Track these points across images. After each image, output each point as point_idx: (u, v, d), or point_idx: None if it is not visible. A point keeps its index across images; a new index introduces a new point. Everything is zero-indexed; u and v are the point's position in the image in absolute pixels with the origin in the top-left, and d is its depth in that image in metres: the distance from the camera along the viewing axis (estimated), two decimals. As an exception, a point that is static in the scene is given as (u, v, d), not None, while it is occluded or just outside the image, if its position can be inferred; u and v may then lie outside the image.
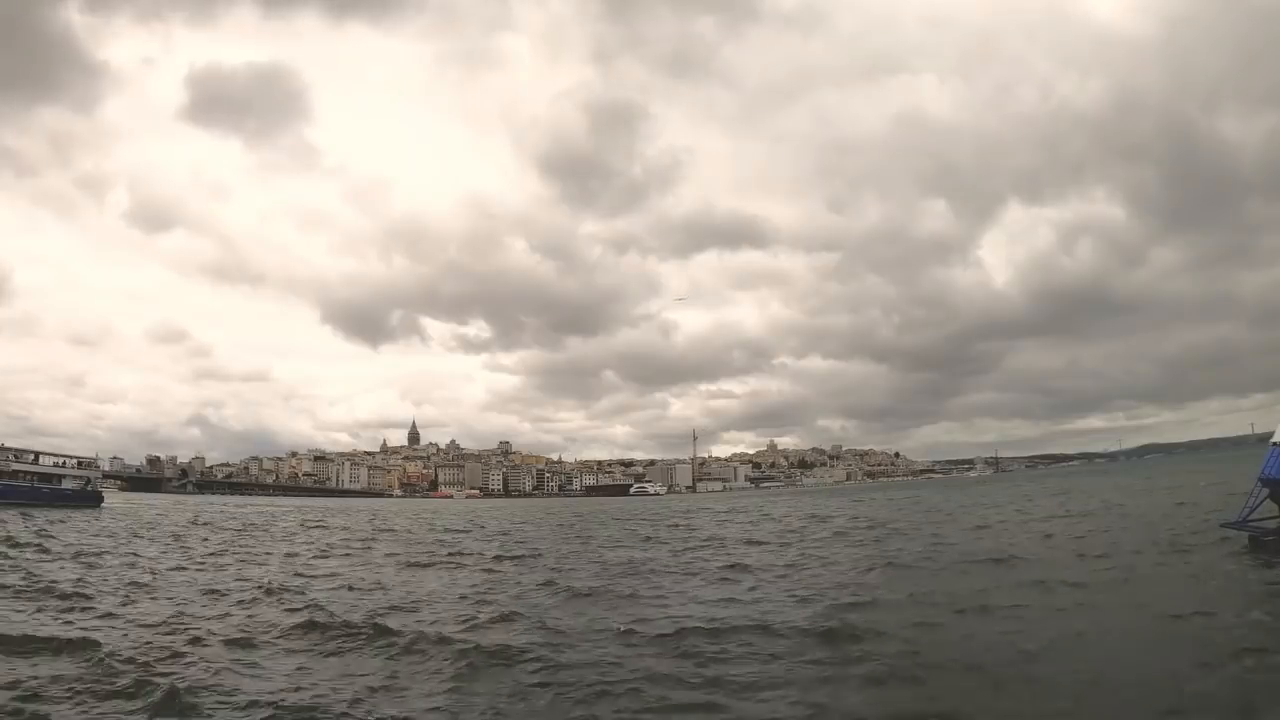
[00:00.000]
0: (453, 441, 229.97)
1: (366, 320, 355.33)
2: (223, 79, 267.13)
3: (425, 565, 18.08)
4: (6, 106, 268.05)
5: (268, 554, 20.88)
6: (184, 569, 16.72)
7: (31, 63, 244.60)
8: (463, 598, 12.71)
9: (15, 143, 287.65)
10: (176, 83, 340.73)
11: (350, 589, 13.68)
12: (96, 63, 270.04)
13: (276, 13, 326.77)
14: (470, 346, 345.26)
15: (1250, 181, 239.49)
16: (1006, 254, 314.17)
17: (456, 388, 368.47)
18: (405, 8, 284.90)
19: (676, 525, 32.97)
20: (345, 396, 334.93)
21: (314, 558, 20.00)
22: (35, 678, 7.43)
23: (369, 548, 23.25)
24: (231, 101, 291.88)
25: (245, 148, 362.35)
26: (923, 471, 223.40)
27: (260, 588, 13.42)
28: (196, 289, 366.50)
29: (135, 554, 19.68)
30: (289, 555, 20.67)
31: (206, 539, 26.18)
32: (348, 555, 20.88)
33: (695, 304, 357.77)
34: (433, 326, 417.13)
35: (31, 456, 50.72)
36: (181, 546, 22.81)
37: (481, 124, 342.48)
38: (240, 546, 23.25)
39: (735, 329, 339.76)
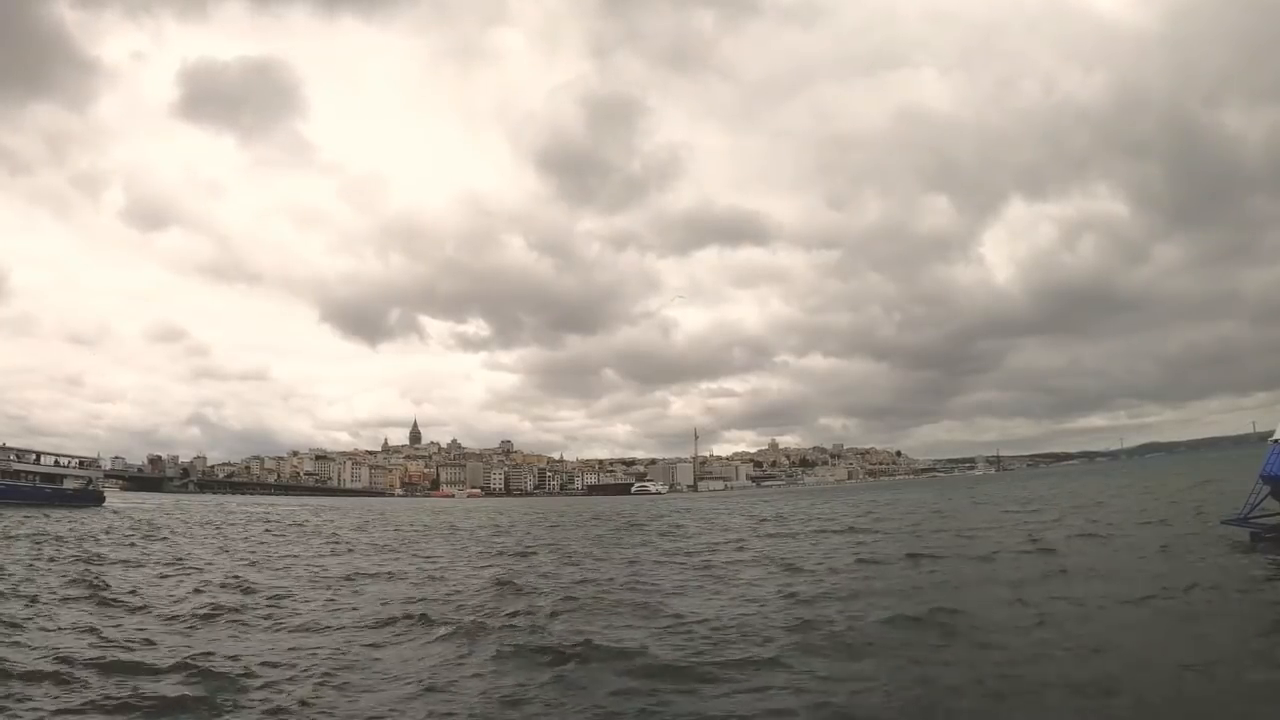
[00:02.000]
0: (454, 441, 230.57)
1: (364, 319, 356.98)
2: (215, 74, 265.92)
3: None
4: (0, 104, 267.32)
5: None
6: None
7: (23, 58, 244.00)
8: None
9: (10, 141, 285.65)
10: (169, 79, 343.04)
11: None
12: (88, 59, 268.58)
13: (267, 8, 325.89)
14: (469, 345, 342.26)
15: (1254, 177, 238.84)
16: (1008, 251, 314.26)
17: (456, 386, 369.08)
18: (399, 2, 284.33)
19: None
20: (344, 396, 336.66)
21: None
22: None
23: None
24: (224, 97, 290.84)
25: (239, 144, 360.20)
26: (924, 470, 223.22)
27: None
28: (193, 288, 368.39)
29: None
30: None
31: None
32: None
33: (695, 301, 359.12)
34: (431, 325, 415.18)
35: (33, 456, 50.94)
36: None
37: (477, 120, 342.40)
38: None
39: (735, 327, 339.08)
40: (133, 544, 23.03)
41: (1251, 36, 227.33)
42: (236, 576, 14.93)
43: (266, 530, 31.64)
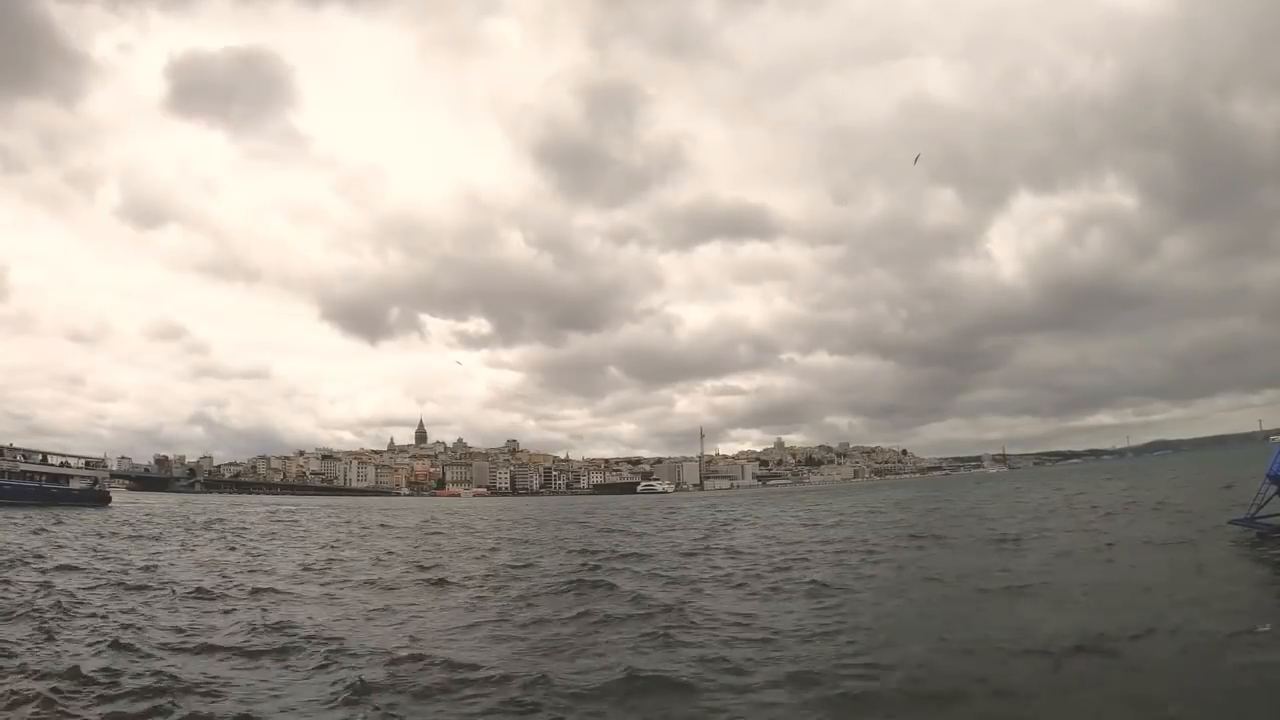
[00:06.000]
0: (460, 440, 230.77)
1: (364, 317, 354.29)
2: (203, 66, 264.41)
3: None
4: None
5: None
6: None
7: (12, 54, 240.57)
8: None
9: (3, 138, 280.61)
10: (157, 72, 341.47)
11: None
12: (77, 53, 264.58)
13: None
14: (470, 343, 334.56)
15: (1264, 170, 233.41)
16: (1016, 245, 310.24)
17: (458, 385, 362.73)
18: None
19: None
20: (347, 394, 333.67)
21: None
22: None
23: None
24: (214, 89, 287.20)
25: (231, 138, 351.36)
26: (931, 469, 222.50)
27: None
28: (192, 285, 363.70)
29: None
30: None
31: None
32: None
33: (698, 298, 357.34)
34: (431, 323, 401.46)
35: (40, 457, 51.37)
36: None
37: (472, 112, 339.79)
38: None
39: (740, 324, 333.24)
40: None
41: (1263, 24, 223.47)
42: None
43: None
